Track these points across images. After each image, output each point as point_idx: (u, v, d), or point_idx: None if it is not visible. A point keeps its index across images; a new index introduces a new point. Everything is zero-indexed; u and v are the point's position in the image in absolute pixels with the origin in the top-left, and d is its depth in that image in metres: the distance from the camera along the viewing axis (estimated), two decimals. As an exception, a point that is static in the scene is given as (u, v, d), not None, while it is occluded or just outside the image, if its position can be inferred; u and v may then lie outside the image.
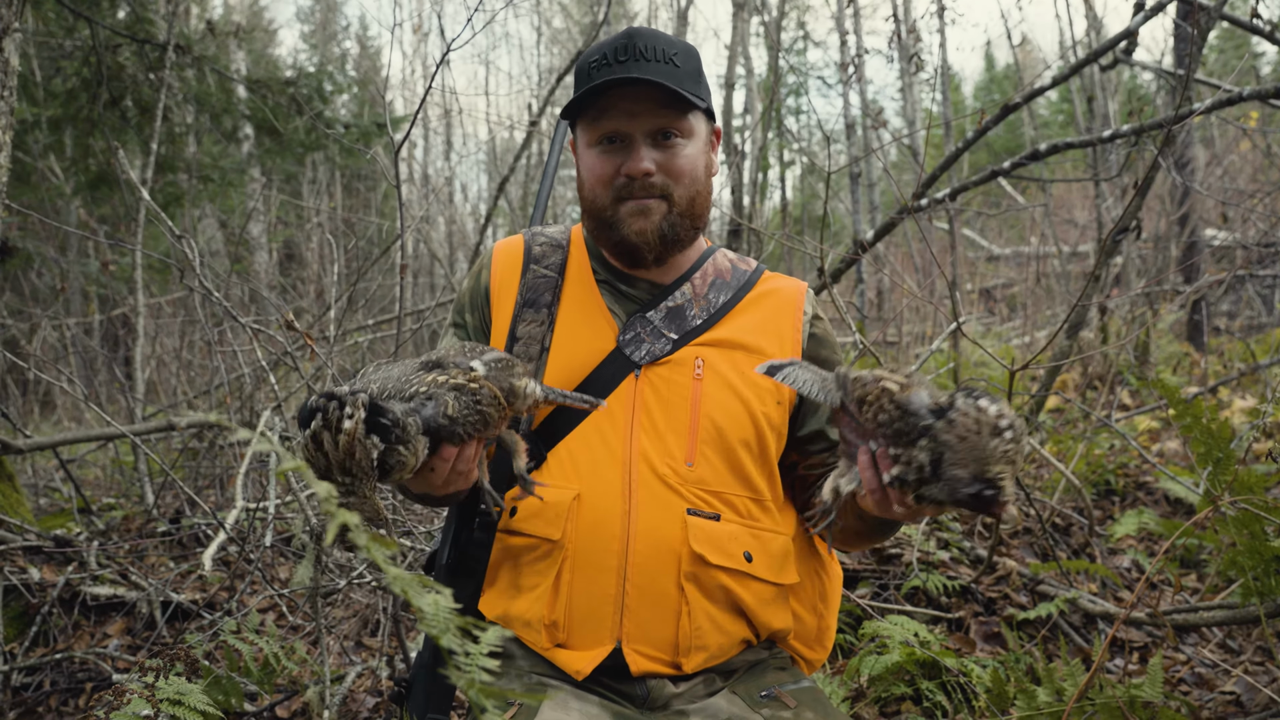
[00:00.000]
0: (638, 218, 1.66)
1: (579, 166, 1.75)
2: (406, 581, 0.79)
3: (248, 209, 10.86)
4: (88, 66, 6.37)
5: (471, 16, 2.87)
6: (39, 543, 3.59)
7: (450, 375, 1.37)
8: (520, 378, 1.46)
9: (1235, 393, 6.05)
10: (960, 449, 1.26)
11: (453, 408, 1.33)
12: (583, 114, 1.71)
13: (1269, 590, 2.65)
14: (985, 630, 3.18)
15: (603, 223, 1.70)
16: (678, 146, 1.67)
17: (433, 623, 0.80)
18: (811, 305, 1.82)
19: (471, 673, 0.85)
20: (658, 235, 1.67)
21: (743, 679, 1.63)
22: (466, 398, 1.35)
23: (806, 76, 24.21)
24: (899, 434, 1.33)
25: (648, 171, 1.64)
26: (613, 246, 1.72)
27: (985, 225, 15.74)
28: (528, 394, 1.47)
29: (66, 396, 7.78)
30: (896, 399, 1.34)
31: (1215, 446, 2.76)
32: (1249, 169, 11.29)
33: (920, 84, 15.03)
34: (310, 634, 3.36)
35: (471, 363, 1.42)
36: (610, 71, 1.62)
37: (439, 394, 1.34)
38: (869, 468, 1.39)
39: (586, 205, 1.73)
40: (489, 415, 1.38)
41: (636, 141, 1.65)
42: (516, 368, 1.48)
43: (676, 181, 1.67)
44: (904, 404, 1.33)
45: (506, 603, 1.63)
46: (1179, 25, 6.74)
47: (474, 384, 1.37)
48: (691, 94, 1.63)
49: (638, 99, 1.64)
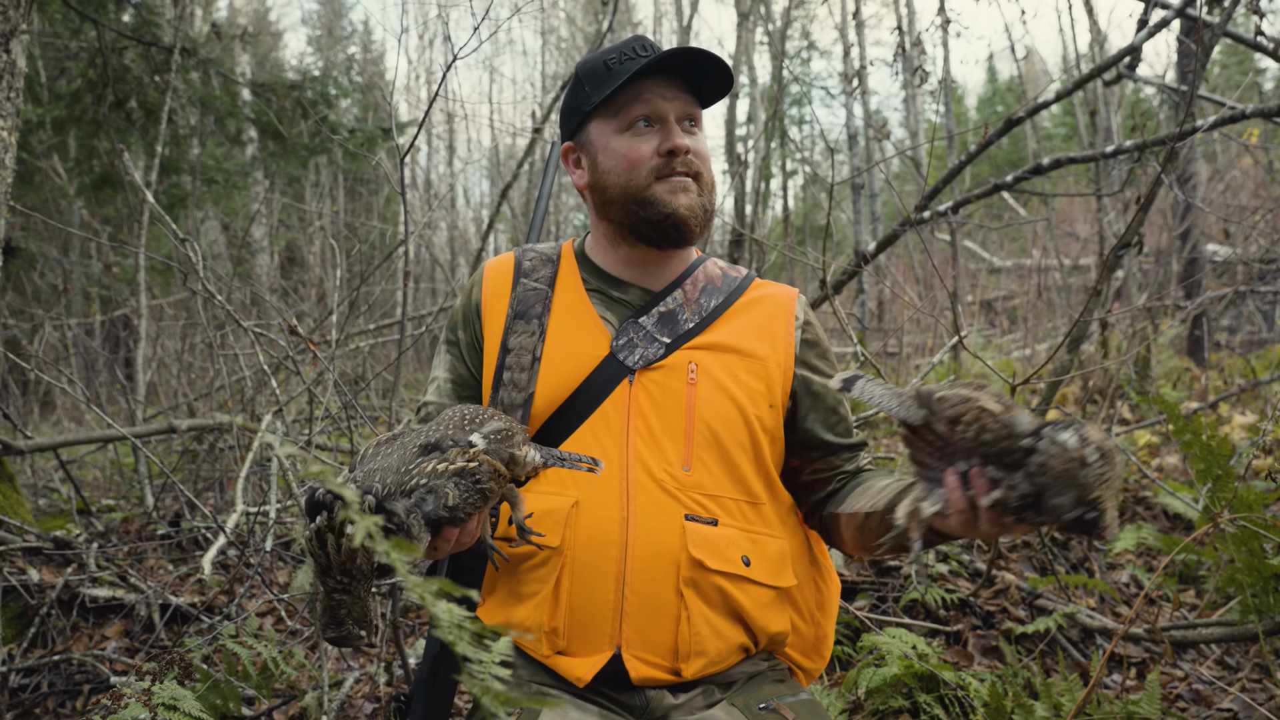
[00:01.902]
0: (681, 193, 1.70)
1: (598, 160, 1.74)
2: (423, 587, 0.80)
3: (251, 212, 10.88)
4: (93, 68, 6.40)
5: (478, 26, 2.89)
6: (38, 544, 3.60)
7: (450, 460, 1.35)
8: (520, 446, 1.46)
9: (1235, 408, 6.06)
10: (1059, 477, 1.24)
11: (453, 497, 1.32)
12: (608, 105, 1.72)
13: (1267, 608, 2.65)
14: (983, 644, 3.18)
15: (641, 202, 1.70)
16: (699, 135, 1.75)
17: (448, 630, 0.80)
18: (803, 310, 1.83)
19: (485, 680, 0.86)
20: (702, 210, 1.72)
21: (741, 690, 1.63)
22: (466, 481, 1.34)
23: (810, 86, 24.25)
24: (1002, 454, 1.29)
25: (689, 148, 1.69)
26: (655, 225, 1.71)
27: (987, 237, 15.76)
28: (526, 462, 1.47)
29: (67, 397, 7.78)
30: (1001, 419, 1.30)
31: (1215, 463, 2.77)
32: (1251, 185, 11.32)
33: (924, 96, 15.08)
34: (309, 639, 3.36)
35: (470, 437, 1.40)
36: (639, 62, 1.66)
37: (439, 485, 1.32)
38: (959, 489, 1.34)
39: (617, 192, 1.72)
40: (489, 490, 1.38)
41: (671, 121, 1.70)
42: (516, 436, 1.47)
43: (704, 164, 1.74)
44: (1010, 424, 1.29)
45: (507, 611, 1.63)
46: (1182, 41, 6.76)
47: (473, 464, 1.36)
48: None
49: (667, 84, 1.70)
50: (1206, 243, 8.90)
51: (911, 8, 15.93)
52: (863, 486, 1.71)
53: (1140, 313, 7.21)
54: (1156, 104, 9.15)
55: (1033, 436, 1.27)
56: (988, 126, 4.04)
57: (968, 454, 1.33)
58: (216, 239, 12.64)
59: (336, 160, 9.26)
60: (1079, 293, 9.97)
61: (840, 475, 1.78)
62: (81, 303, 11.01)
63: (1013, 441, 1.28)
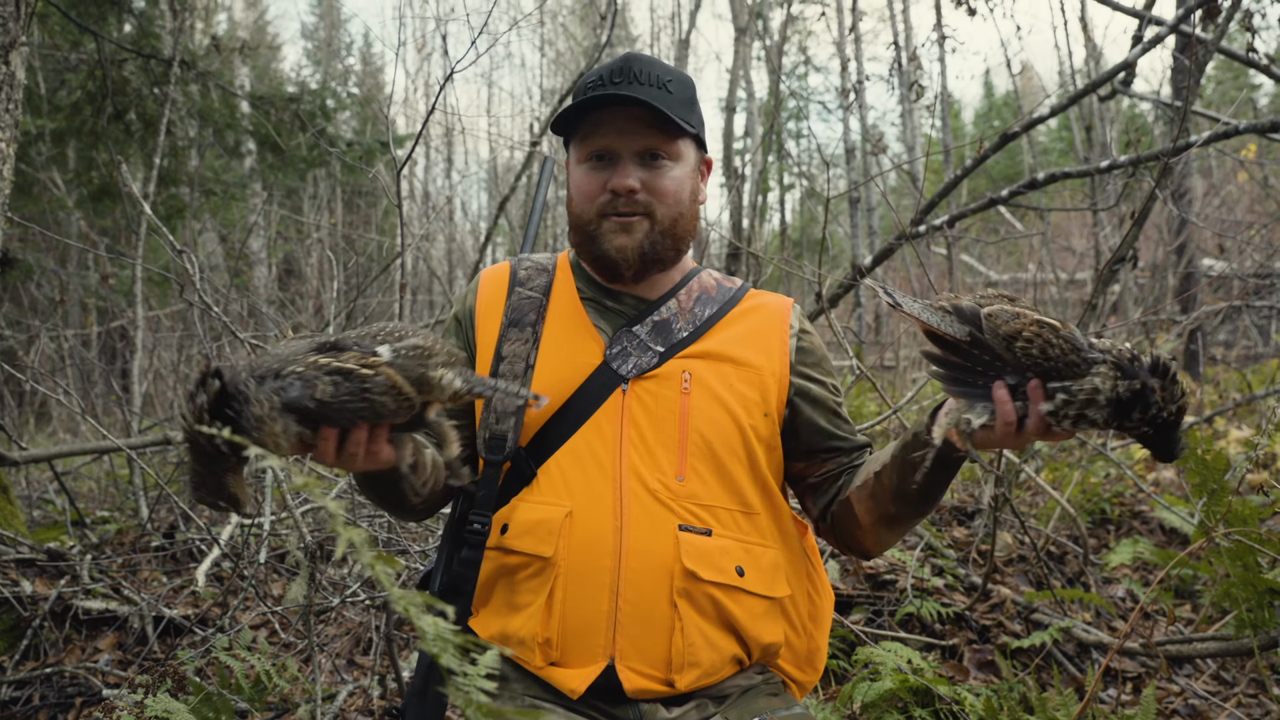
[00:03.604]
0: (619, 234, 1.70)
1: (569, 183, 1.78)
2: (408, 600, 0.80)
3: (248, 223, 10.89)
4: (93, 80, 6.42)
5: (475, 40, 2.90)
6: (32, 555, 3.58)
7: (342, 360, 1.31)
8: (436, 369, 1.37)
9: (1232, 423, 6.06)
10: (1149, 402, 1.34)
11: (323, 391, 1.28)
12: (575, 132, 1.75)
13: (1262, 622, 2.65)
14: (979, 658, 3.18)
15: (587, 236, 1.74)
16: (664, 168, 1.71)
17: (433, 642, 0.80)
18: (798, 319, 1.84)
19: (470, 693, 0.85)
20: (638, 253, 1.71)
21: (735, 704, 1.63)
22: (351, 383, 1.29)
23: (807, 101, 24.36)
24: (1066, 368, 1.36)
25: (632, 188, 1.68)
26: (594, 260, 1.76)
27: (984, 251, 15.80)
28: (444, 385, 1.38)
29: (63, 409, 7.77)
30: (1063, 334, 1.37)
31: (1209, 477, 2.77)
32: (1246, 200, 11.36)
33: (920, 110, 15.14)
34: (302, 652, 3.34)
35: (377, 348, 1.35)
36: (603, 90, 1.67)
37: (312, 377, 1.29)
38: (1009, 401, 1.38)
39: (573, 220, 1.77)
40: (380, 404, 1.31)
41: (623, 159, 1.70)
42: (435, 358, 1.38)
43: (660, 200, 1.71)
44: (1071, 339, 1.37)
45: (502, 621, 1.63)
46: (1177, 58, 6.80)
47: (367, 369, 1.30)
48: (681, 119, 1.67)
49: (628, 119, 1.68)
50: (1202, 257, 8.93)
51: (908, 23, 16.01)
52: (865, 464, 1.73)
53: (1136, 327, 7.23)
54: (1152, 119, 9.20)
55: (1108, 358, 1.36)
56: (983, 141, 4.06)
57: (1023, 369, 1.39)
58: (214, 250, 12.65)
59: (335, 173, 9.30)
60: (1075, 306, 9.98)
61: (848, 472, 1.78)
62: (78, 314, 11.01)
63: (1079, 355, 1.36)
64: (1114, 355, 1.36)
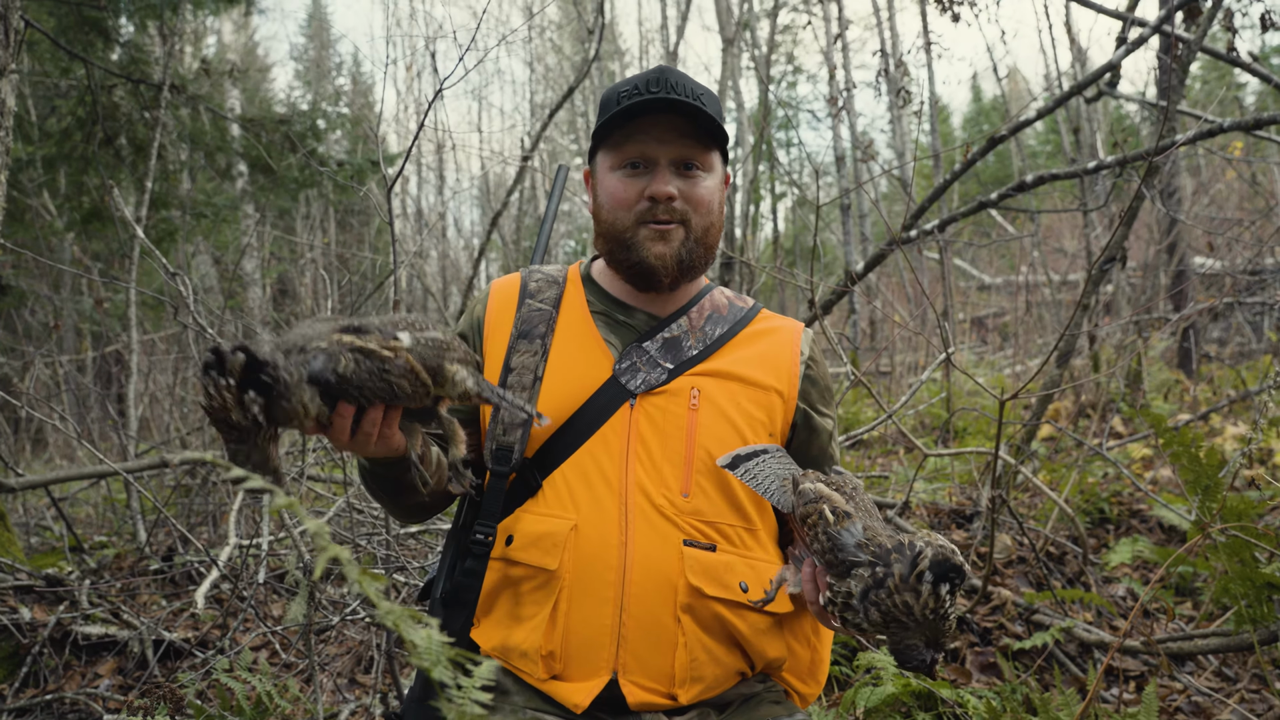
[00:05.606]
0: (658, 242, 1.70)
1: (597, 192, 1.77)
2: (398, 615, 0.79)
3: (241, 245, 10.90)
4: (83, 106, 6.43)
5: (463, 55, 2.91)
6: (30, 582, 3.57)
7: (364, 340, 1.34)
8: (453, 363, 1.42)
9: (1227, 419, 6.07)
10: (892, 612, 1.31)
11: (346, 367, 1.30)
12: (608, 139, 1.74)
13: (1261, 617, 2.66)
14: (981, 660, 3.17)
15: (621, 244, 1.72)
16: (699, 177, 1.72)
17: (425, 655, 0.80)
18: (809, 346, 1.84)
19: (464, 705, 0.85)
20: (675, 260, 1.71)
21: (737, 713, 1.63)
22: (371, 363, 1.32)
23: (796, 110, 24.43)
24: (830, 565, 1.37)
25: (671, 195, 1.68)
26: (630, 268, 1.74)
27: (976, 255, 15.85)
28: (456, 381, 1.42)
29: (59, 434, 7.75)
30: (829, 531, 1.37)
31: (1204, 474, 2.78)
32: (1235, 197, 11.42)
33: (909, 116, 15.20)
34: (303, 671, 3.34)
35: (399, 333, 1.38)
36: (643, 97, 1.66)
37: (337, 352, 1.31)
38: (810, 580, 1.45)
39: (604, 228, 1.75)
40: (398, 386, 1.34)
41: (661, 166, 1.70)
42: (453, 353, 1.43)
43: (695, 210, 1.71)
44: (834, 538, 1.36)
45: (505, 632, 1.63)
46: (1161, 58, 6.84)
47: (388, 352, 1.33)
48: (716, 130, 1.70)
49: (667, 127, 1.69)
50: (1193, 255, 8.96)
51: (894, 30, 16.10)
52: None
53: (1129, 326, 7.26)
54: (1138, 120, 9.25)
55: (864, 551, 1.34)
56: (971, 145, 4.08)
57: (813, 552, 1.41)
58: (208, 273, 12.65)
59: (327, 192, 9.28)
60: (1069, 307, 10.02)
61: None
62: (73, 339, 10.99)
63: (835, 555, 1.36)
64: (879, 558, 1.33)
